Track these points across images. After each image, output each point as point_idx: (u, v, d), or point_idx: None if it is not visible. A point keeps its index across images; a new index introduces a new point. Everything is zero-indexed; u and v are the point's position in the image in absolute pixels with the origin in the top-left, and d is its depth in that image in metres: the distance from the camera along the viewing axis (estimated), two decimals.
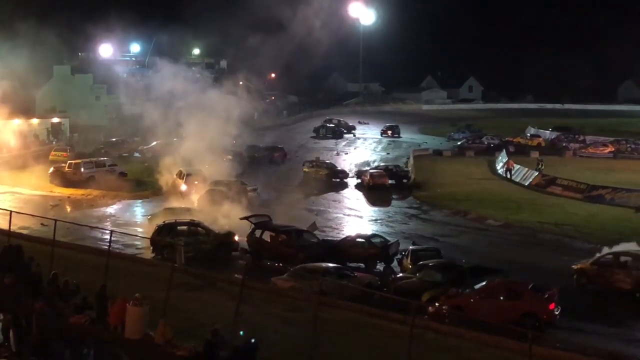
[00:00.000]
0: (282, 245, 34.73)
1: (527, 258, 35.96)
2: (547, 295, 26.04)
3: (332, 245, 35.55)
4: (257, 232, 35.86)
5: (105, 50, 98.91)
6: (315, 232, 38.42)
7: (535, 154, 70.14)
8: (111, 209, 48.33)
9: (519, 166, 62.57)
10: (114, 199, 51.31)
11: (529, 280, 27.63)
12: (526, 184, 58.37)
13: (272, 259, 34.51)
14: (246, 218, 37.31)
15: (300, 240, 34.95)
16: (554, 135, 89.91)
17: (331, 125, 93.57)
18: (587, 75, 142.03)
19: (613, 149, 77.62)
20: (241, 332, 18.68)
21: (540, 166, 61.35)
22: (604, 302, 29.07)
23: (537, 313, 25.29)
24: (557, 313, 25.68)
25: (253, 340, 17.99)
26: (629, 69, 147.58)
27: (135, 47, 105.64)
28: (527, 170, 60.78)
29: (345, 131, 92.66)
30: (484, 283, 27.23)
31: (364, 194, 55.75)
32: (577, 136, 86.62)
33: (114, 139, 75.78)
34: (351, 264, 33.39)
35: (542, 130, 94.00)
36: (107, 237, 28.43)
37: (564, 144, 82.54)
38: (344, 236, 37.84)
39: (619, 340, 24.95)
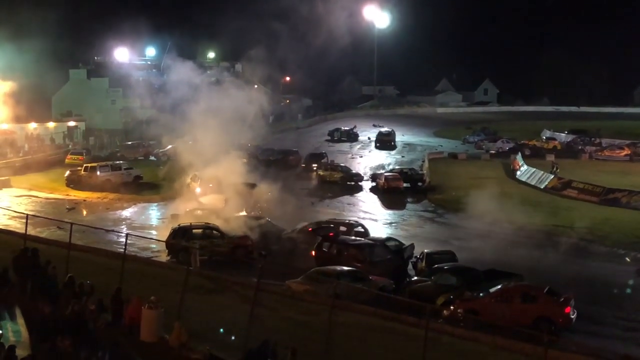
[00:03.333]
0: (352, 260, 32.54)
1: (543, 261, 35.82)
2: (562, 299, 25.94)
3: (404, 260, 34.31)
4: (325, 245, 34.50)
5: (121, 54, 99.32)
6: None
7: (551, 157, 69.87)
8: (127, 212, 48.60)
9: (526, 167, 62.34)
10: (130, 202, 51.61)
11: (544, 283, 27.51)
12: (542, 187, 58.16)
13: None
14: (313, 230, 36.83)
15: (372, 256, 33.23)
16: (569, 138, 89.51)
17: (346, 128, 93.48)
18: (603, 78, 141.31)
19: (629, 152, 77.24)
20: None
21: (555, 169, 61.11)
22: None
23: (552, 317, 25.21)
24: (573, 317, 25.57)
25: None
26: None
27: (151, 51, 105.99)
28: (543, 173, 60.55)
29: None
30: (499, 287, 27.17)
31: (378, 197, 55.75)
32: (593, 139, 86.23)
33: (129, 142, 76.16)
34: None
35: (557, 133, 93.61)
36: (123, 240, 28.51)
37: (579, 147, 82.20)
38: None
39: (635, 344, 24.83)
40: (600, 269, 35.00)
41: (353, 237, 36.20)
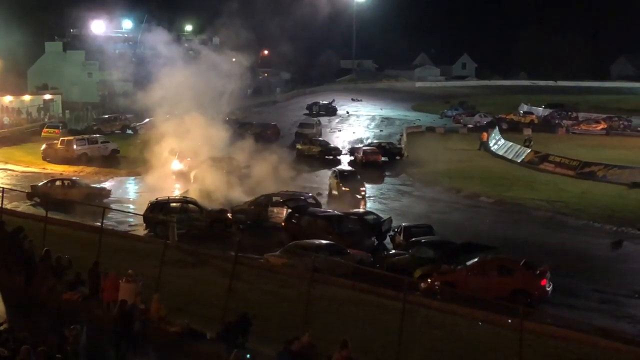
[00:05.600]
0: (321, 231, 32.83)
1: (520, 235, 36.12)
2: (538, 272, 26.18)
3: (375, 232, 34.28)
4: (295, 217, 34.78)
5: (98, 26, 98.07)
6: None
7: (528, 131, 70.23)
8: (104, 186, 48.22)
9: (503, 141, 62.74)
10: (107, 175, 51.28)
11: (520, 256, 27.74)
12: (519, 161, 58.51)
13: None
14: (284, 202, 37.03)
15: (341, 227, 33.45)
16: (546, 112, 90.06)
17: (324, 102, 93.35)
18: (581, 53, 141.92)
19: (606, 126, 77.89)
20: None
21: (528, 143, 61.50)
22: None
23: (529, 289, 25.44)
24: (548, 289, 25.83)
25: None
26: (622, 46, 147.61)
27: (128, 24, 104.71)
28: (520, 147, 60.91)
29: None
30: (476, 260, 27.35)
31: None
32: (570, 113, 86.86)
33: (106, 116, 75.45)
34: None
35: (535, 108, 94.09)
36: (100, 214, 28.36)
37: (556, 121, 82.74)
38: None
39: (610, 316, 25.17)
40: (576, 242, 35.32)
41: (323, 209, 36.53)
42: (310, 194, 40.57)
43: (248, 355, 17.49)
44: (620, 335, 22.14)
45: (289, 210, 35.82)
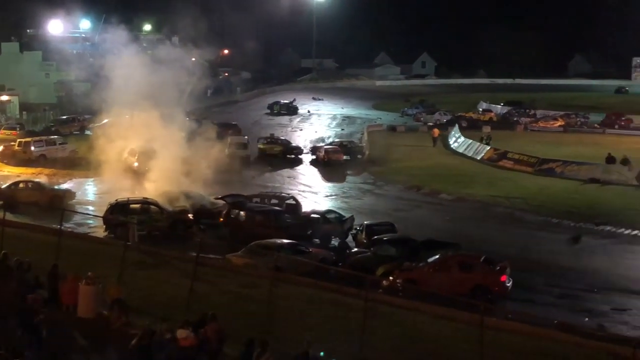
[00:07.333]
0: (259, 226, 33.63)
1: (480, 231, 36.44)
2: (498, 268, 26.45)
3: (312, 226, 34.56)
4: (233, 212, 35.21)
5: (55, 26, 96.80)
6: None
7: (487, 129, 70.89)
8: (68, 188, 47.54)
9: (463, 138, 63.36)
10: (65, 177, 50.63)
11: (481, 253, 28.00)
12: (478, 158, 59.04)
13: (250, 240, 31.60)
14: (222, 198, 37.05)
15: (278, 221, 34.15)
16: (505, 109, 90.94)
17: (285, 101, 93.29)
18: (538, 51, 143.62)
19: (563, 123, 78.95)
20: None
21: (486, 141, 62.02)
22: None
23: (489, 285, 25.70)
24: (508, 285, 26.10)
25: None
26: (579, 43, 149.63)
27: (85, 24, 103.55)
28: (479, 145, 61.45)
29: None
30: (437, 256, 27.55)
31: (318, 170, 55.86)
32: (528, 110, 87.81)
33: (64, 117, 74.52)
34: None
35: (493, 105, 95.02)
36: (59, 216, 28.01)
37: (515, 119, 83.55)
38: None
39: (568, 310, 25.51)
40: (535, 237, 35.70)
41: (260, 204, 36.87)
42: (290, 195, 40.60)
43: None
44: (579, 329, 22.40)
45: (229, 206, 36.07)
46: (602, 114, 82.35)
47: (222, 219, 35.43)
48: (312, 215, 35.58)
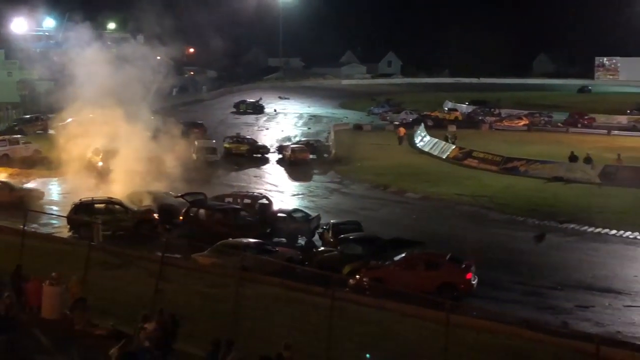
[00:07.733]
0: (219, 224, 33.92)
1: (445, 229, 36.65)
2: (464, 266, 26.64)
3: (271, 224, 34.91)
4: (193, 211, 35.18)
5: (18, 24, 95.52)
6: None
7: (452, 128, 71.33)
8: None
9: (429, 137, 63.74)
10: (29, 177, 49.98)
11: (446, 251, 28.16)
12: (444, 157, 59.39)
13: (209, 238, 31.63)
14: (181, 196, 36.91)
15: (237, 219, 34.38)
16: (470, 109, 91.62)
17: (251, 100, 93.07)
18: (503, 50, 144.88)
19: (527, 122, 79.76)
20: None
21: (451, 140, 62.41)
22: None
23: (455, 283, 25.87)
24: (474, 283, 26.30)
25: None
26: (543, 43, 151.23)
27: (49, 22, 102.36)
28: (445, 144, 61.82)
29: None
30: (403, 255, 27.65)
31: (285, 169, 55.78)
32: (492, 110, 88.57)
33: (27, 116, 73.51)
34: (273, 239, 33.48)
35: (459, 105, 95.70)
36: (22, 216, 27.62)
37: (480, 118, 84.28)
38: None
39: (534, 307, 25.74)
40: (500, 235, 36.01)
41: (219, 203, 36.96)
42: (262, 194, 40.51)
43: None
44: (543, 326, 22.62)
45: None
46: (566, 113, 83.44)
47: (181, 217, 35.38)
48: (279, 214, 35.61)
